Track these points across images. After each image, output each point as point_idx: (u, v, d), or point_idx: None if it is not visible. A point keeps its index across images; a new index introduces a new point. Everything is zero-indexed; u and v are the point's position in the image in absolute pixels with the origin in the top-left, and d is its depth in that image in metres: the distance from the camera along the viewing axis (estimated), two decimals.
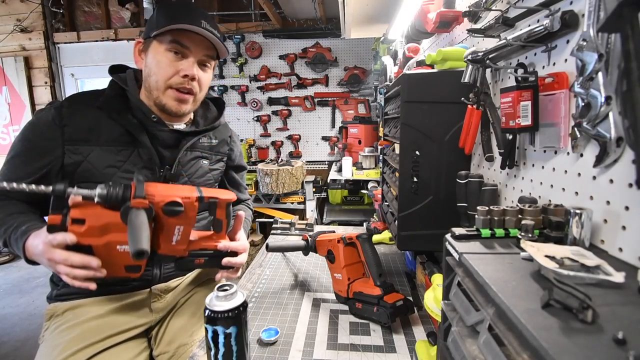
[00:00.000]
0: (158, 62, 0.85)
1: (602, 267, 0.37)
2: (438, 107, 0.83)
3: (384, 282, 0.87)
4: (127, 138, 0.86)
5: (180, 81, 0.86)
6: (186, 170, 0.95)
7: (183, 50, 0.85)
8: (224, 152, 1.07)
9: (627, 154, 0.43)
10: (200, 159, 0.99)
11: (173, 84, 0.86)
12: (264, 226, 3.38)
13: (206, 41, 0.87)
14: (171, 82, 0.86)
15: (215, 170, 1.05)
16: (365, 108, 3.31)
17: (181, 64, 0.85)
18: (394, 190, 1.00)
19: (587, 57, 0.45)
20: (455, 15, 0.93)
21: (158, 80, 0.86)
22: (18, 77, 3.45)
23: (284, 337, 0.81)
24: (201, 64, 0.90)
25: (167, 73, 0.85)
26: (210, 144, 1.02)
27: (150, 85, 0.87)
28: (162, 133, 0.89)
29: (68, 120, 0.83)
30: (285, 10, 3.11)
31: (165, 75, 0.85)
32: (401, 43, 1.48)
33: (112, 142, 0.85)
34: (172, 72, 0.85)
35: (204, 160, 1.00)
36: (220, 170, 1.07)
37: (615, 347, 0.27)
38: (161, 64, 0.85)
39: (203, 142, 0.99)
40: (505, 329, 0.33)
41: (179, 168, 0.93)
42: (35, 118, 0.86)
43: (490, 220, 0.51)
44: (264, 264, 1.23)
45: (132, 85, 0.90)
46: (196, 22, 0.83)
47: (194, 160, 0.97)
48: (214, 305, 0.61)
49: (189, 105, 0.90)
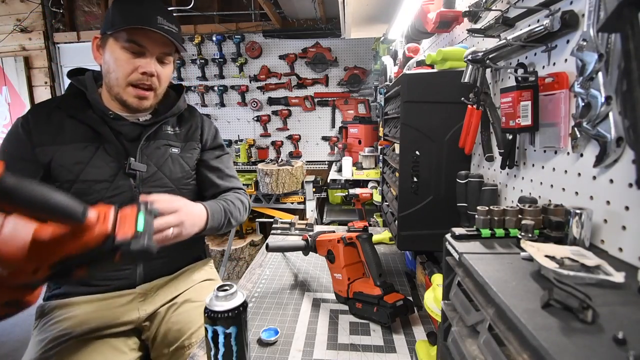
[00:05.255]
0: (116, 60, 0.86)
1: (602, 267, 0.37)
2: (438, 107, 0.83)
3: (384, 282, 0.87)
4: (91, 134, 0.89)
5: (139, 77, 0.88)
6: (153, 159, 0.95)
7: (140, 49, 0.86)
8: (196, 137, 1.07)
9: (627, 154, 0.43)
10: (168, 147, 0.99)
11: (132, 80, 0.88)
12: (264, 226, 3.38)
13: (163, 37, 0.87)
14: (130, 79, 0.88)
15: (189, 157, 1.04)
16: (365, 108, 3.31)
17: (139, 61, 0.87)
18: (394, 190, 1.00)
19: (587, 57, 0.45)
20: (455, 15, 0.93)
21: (118, 77, 0.87)
22: (18, 77, 3.45)
23: (284, 337, 0.81)
24: (159, 60, 0.91)
25: (126, 70, 0.87)
26: (175, 131, 1.02)
27: (111, 82, 0.89)
28: (124, 127, 0.92)
29: (34, 127, 0.87)
30: (285, 10, 3.11)
31: (124, 73, 0.87)
32: (401, 43, 1.48)
33: (77, 139, 0.88)
34: (131, 70, 0.87)
35: (173, 149, 1.00)
36: (196, 157, 1.06)
37: (615, 347, 0.27)
38: (119, 62, 0.86)
39: (167, 131, 1.00)
40: (505, 329, 0.33)
41: (144, 158, 0.94)
42: (7, 133, 0.90)
43: (490, 220, 0.51)
44: (264, 264, 1.23)
45: (90, 85, 0.92)
46: (152, 20, 0.84)
47: (161, 148, 0.98)
48: (214, 305, 0.61)
49: (150, 101, 0.93)
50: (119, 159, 0.90)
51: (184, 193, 0.99)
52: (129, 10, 0.85)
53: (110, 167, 0.90)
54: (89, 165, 0.87)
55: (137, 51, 0.86)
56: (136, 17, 0.84)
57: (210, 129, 1.12)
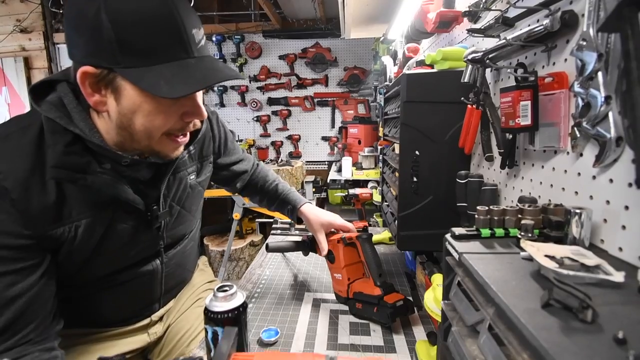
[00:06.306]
0: (149, 114, 0.58)
1: (602, 267, 0.37)
2: (438, 107, 0.83)
3: (384, 282, 0.87)
4: (102, 198, 0.65)
5: (182, 126, 0.64)
6: (175, 199, 0.78)
7: None
8: (210, 151, 0.89)
9: (627, 154, 0.43)
10: (186, 176, 0.80)
11: (173, 130, 0.63)
12: (264, 226, 3.38)
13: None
14: (170, 129, 0.63)
15: (205, 179, 0.89)
16: (365, 108, 3.31)
17: (182, 105, 0.61)
18: (394, 190, 1.00)
19: (587, 57, 0.45)
20: (455, 15, 0.93)
21: (152, 131, 0.60)
22: (18, 78, 3.45)
23: (284, 337, 0.81)
24: None
25: (168, 122, 0.61)
26: (189, 153, 0.80)
27: (135, 136, 0.61)
28: (140, 172, 0.70)
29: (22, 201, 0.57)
30: (285, 11, 3.11)
31: (164, 126, 0.61)
32: (401, 43, 1.48)
33: (85, 210, 0.63)
34: (174, 120, 0.62)
35: (191, 176, 0.82)
36: (209, 175, 0.92)
37: (615, 346, 0.27)
38: (154, 115, 0.58)
39: (183, 157, 0.78)
40: (505, 329, 0.33)
41: (167, 201, 0.76)
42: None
43: (490, 220, 0.51)
44: (264, 264, 1.23)
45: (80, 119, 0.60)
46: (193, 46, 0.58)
47: (181, 182, 0.79)
48: (214, 306, 0.61)
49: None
50: (138, 213, 0.71)
51: (196, 218, 0.92)
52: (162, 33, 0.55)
53: (130, 225, 0.70)
54: (106, 235, 0.67)
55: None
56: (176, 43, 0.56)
57: (220, 131, 0.92)
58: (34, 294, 0.60)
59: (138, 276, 0.78)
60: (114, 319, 0.81)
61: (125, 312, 0.82)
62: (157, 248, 0.80)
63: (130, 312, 0.83)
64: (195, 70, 0.57)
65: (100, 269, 0.73)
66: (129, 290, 0.78)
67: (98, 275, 0.74)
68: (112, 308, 0.79)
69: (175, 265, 0.86)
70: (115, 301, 0.78)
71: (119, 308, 0.80)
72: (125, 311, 0.82)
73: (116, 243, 0.70)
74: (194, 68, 0.57)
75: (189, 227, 0.90)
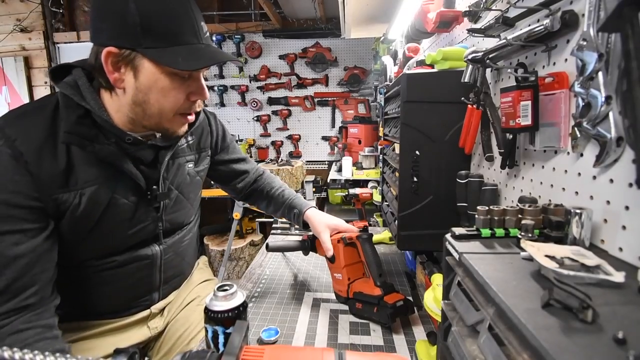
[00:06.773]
0: (162, 90, 0.67)
1: (602, 267, 0.37)
2: (438, 107, 0.82)
3: (384, 282, 0.87)
4: (107, 169, 0.71)
5: (190, 106, 0.73)
6: (174, 183, 0.84)
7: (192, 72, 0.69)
8: (207, 145, 0.95)
9: (627, 154, 0.43)
10: (185, 163, 0.87)
11: (182, 109, 0.72)
12: (264, 226, 3.38)
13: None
14: (181, 108, 0.71)
15: (203, 170, 0.95)
16: (365, 108, 3.31)
17: (190, 86, 0.70)
18: (394, 190, 1.00)
19: (587, 57, 0.45)
20: (455, 15, 0.93)
21: (163, 109, 0.69)
22: (18, 77, 3.45)
23: (284, 337, 0.81)
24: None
25: (179, 101, 0.70)
26: (187, 142, 0.88)
27: (147, 113, 0.69)
28: (142, 152, 0.76)
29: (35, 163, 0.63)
30: (285, 10, 3.11)
31: (176, 104, 0.70)
32: (401, 43, 1.48)
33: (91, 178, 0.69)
34: (183, 99, 0.70)
35: (189, 164, 0.88)
36: (206, 167, 0.97)
37: (616, 346, 0.27)
38: (167, 92, 0.68)
39: (182, 144, 0.86)
40: (505, 329, 0.33)
41: (166, 183, 0.81)
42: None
43: (490, 220, 0.51)
44: (264, 264, 1.23)
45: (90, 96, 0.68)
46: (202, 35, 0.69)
47: (179, 168, 0.85)
48: (214, 305, 0.61)
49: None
50: (139, 191, 0.76)
51: (194, 208, 0.95)
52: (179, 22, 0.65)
53: (131, 202, 0.76)
54: (108, 207, 0.72)
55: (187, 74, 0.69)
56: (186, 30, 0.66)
57: (217, 128, 1.00)
58: (35, 256, 0.64)
59: (137, 259, 0.80)
60: (113, 304, 0.83)
61: (124, 298, 0.83)
62: (156, 231, 0.83)
63: (129, 298, 0.84)
64: (204, 52, 0.68)
65: (99, 244, 0.75)
66: (128, 273, 0.80)
67: (97, 254, 0.76)
68: (111, 292, 0.80)
69: (174, 254, 0.89)
70: (114, 284, 0.80)
71: (118, 293, 0.81)
72: (124, 297, 0.83)
73: (117, 218, 0.74)
74: (204, 51, 0.68)
75: (187, 217, 0.92)
